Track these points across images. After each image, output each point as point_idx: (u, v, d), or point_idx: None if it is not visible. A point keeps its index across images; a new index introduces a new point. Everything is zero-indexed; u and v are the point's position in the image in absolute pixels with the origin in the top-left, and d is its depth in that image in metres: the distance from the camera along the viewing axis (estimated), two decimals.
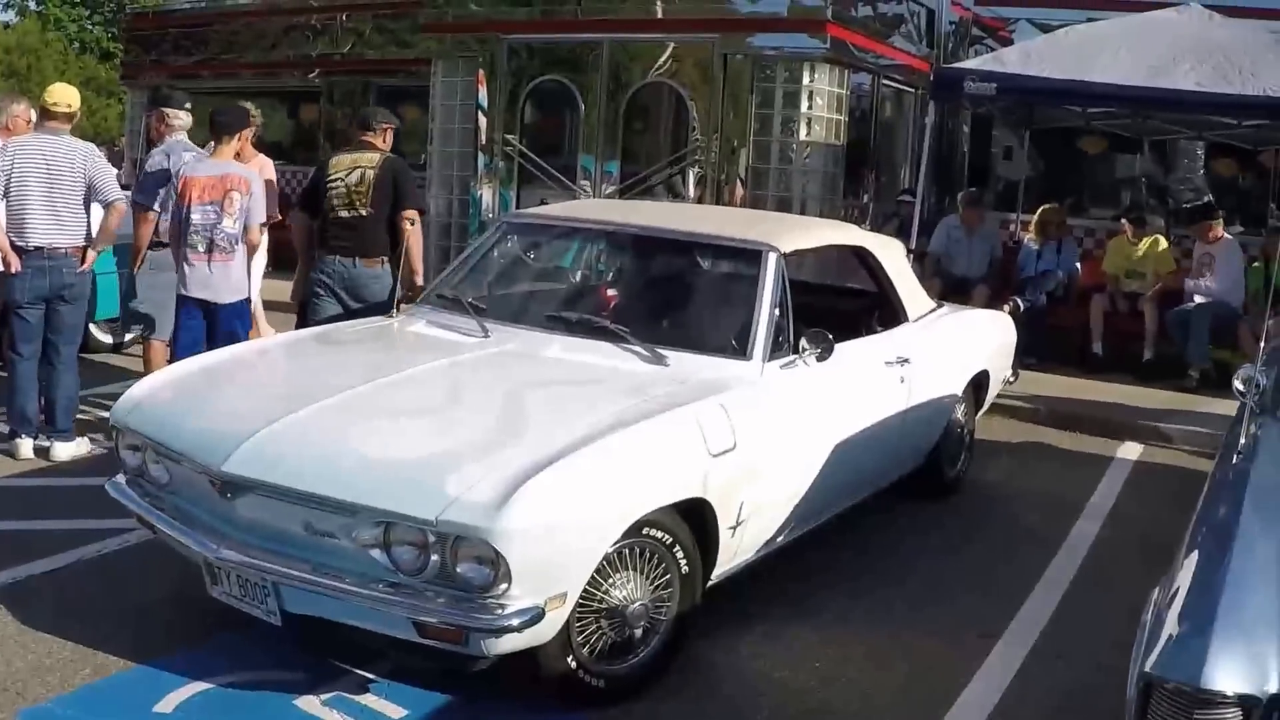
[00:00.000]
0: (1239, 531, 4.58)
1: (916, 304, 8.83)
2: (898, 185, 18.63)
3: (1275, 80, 13.19)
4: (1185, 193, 20.16)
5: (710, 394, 6.20)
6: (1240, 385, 6.06)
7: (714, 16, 16.20)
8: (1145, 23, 14.90)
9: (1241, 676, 3.72)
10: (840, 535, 7.93)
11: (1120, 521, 9.22)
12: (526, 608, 4.99)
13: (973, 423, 9.78)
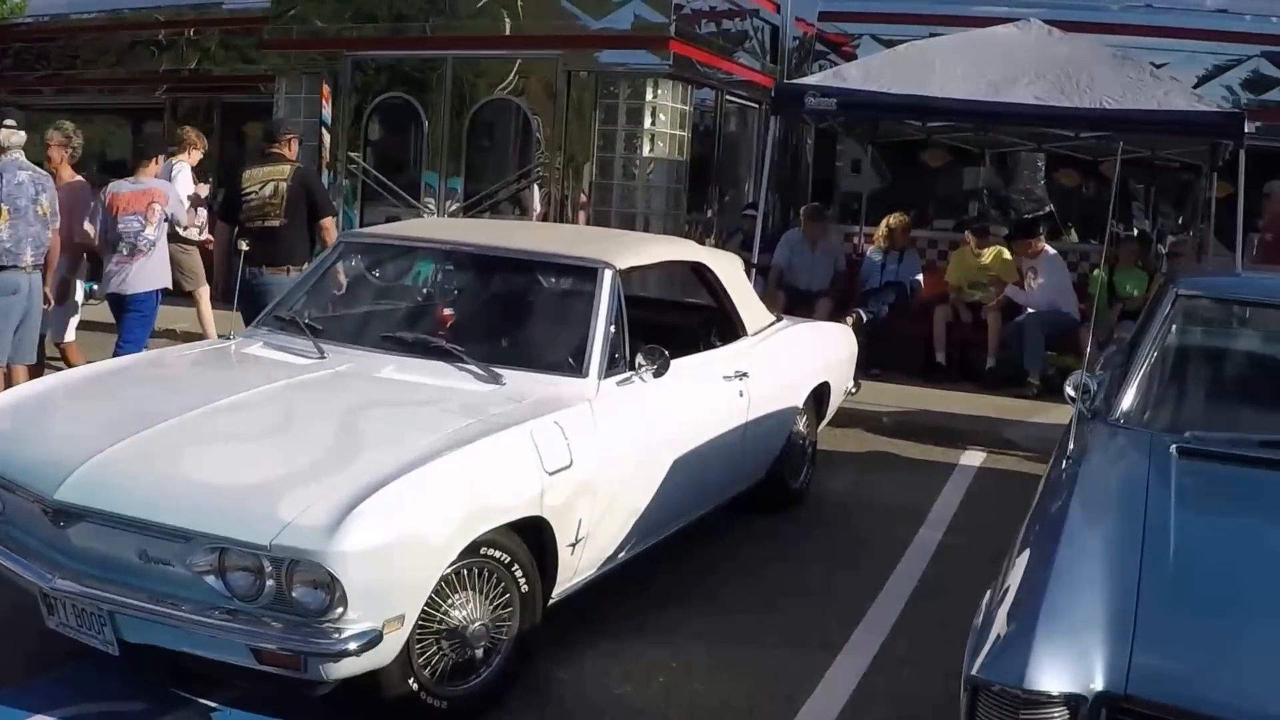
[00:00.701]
0: (1065, 533, 4.64)
1: (755, 318, 8.85)
2: (743, 200, 18.79)
3: (1112, 93, 13.43)
4: (1027, 203, 20.55)
5: (546, 412, 6.17)
6: (1071, 391, 6.14)
7: (558, 33, 16.29)
8: (986, 38, 15.10)
9: (1066, 676, 3.75)
10: (682, 550, 7.93)
11: (962, 528, 9.31)
12: (364, 631, 4.94)
13: (815, 434, 9.82)
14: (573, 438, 6.11)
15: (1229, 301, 7.54)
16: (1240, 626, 4.03)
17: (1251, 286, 7.84)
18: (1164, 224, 21.64)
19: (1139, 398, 6.20)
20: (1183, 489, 5.14)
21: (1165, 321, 6.59)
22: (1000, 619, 4.07)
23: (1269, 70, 19.30)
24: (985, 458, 11.70)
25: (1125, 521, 4.69)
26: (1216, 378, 7.04)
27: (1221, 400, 6.77)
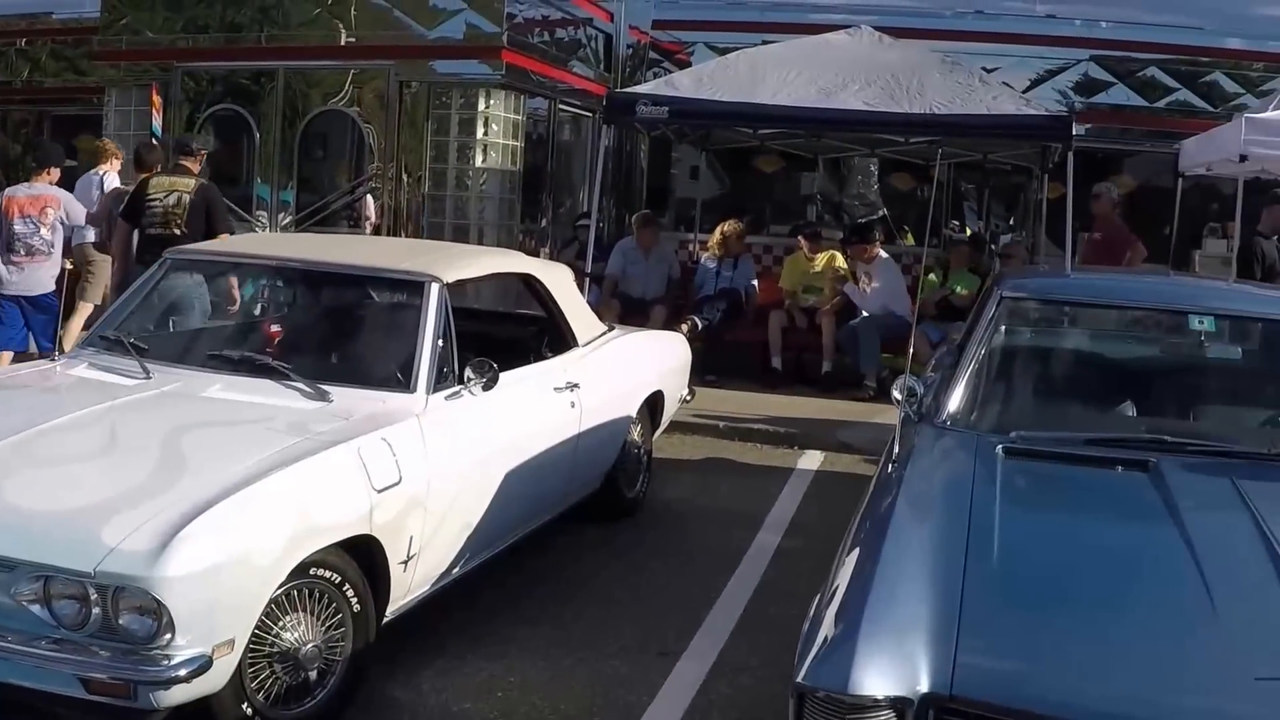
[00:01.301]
0: (890, 535, 4.67)
1: (586, 328, 8.83)
2: (577, 209, 18.78)
3: (941, 98, 13.60)
4: (861, 208, 20.77)
5: (373, 428, 6.10)
6: (898, 395, 6.20)
7: (391, 43, 16.22)
8: (817, 45, 15.25)
9: (891, 678, 3.76)
10: (519, 562, 7.90)
11: (800, 531, 9.36)
12: (193, 657, 4.85)
13: (650, 443, 9.81)
14: (401, 454, 6.06)
15: (1052, 302, 7.69)
16: (1064, 623, 4.09)
17: (1074, 287, 8.06)
18: (997, 225, 22.01)
19: (965, 400, 6.30)
20: (1008, 488, 5.24)
21: (990, 323, 6.70)
22: (827, 622, 4.07)
23: (1098, 74, 19.72)
24: (822, 460, 11.79)
25: (950, 522, 4.74)
26: (1042, 378, 7.15)
27: (1047, 400, 6.91)
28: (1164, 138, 18.41)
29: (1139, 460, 5.56)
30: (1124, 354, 7.90)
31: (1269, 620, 4.09)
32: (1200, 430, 6.57)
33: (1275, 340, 7.84)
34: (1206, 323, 7.04)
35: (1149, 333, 8.09)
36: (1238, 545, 4.68)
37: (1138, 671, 3.86)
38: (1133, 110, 19.93)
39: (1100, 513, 5.35)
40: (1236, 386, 7.49)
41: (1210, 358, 7.73)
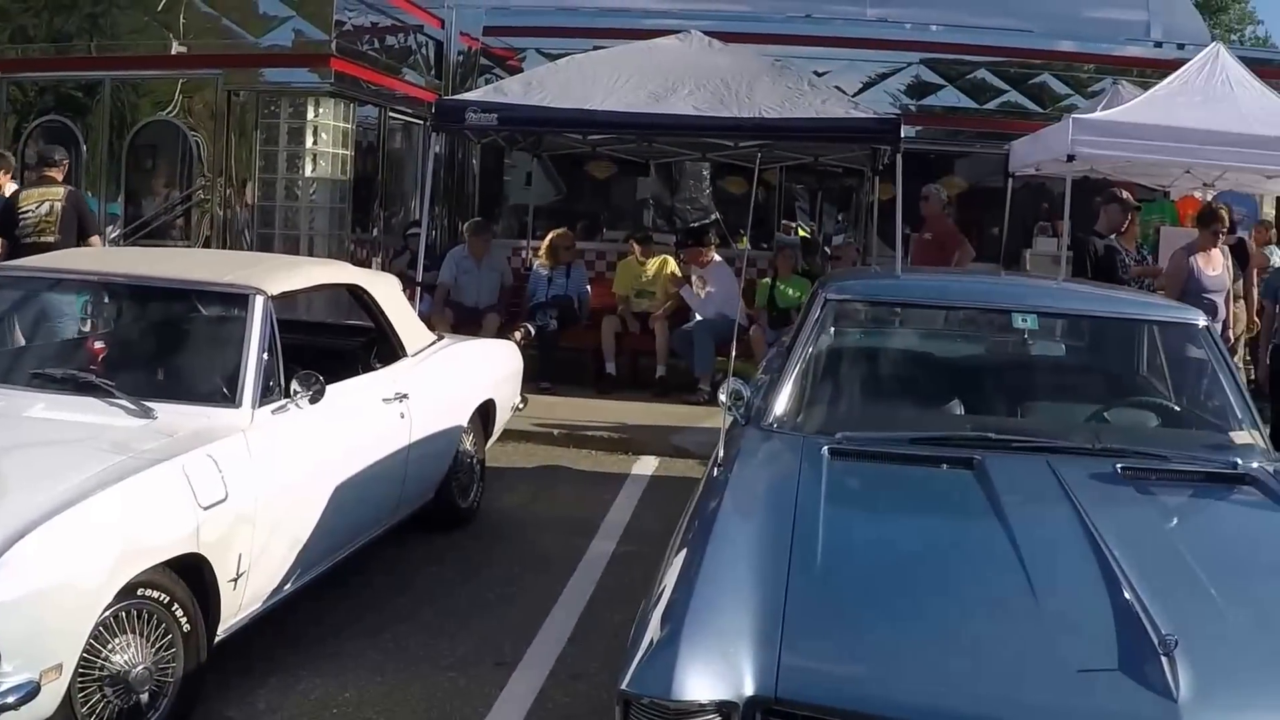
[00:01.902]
0: (715, 538, 4.69)
1: (415, 338, 8.78)
2: (409, 218, 18.67)
3: (771, 102, 13.71)
4: (694, 212, 20.84)
5: (199, 445, 6.01)
6: (725, 399, 6.24)
7: (220, 52, 15.98)
8: (647, 50, 15.27)
9: (716, 682, 3.78)
10: (352, 576, 7.85)
11: (635, 537, 9.39)
12: (21, 683, 4.76)
13: (483, 452, 9.79)
14: (227, 470, 5.99)
15: (875, 303, 7.78)
16: (888, 621, 4.15)
17: (897, 288, 8.11)
18: (829, 227, 22.22)
19: (791, 402, 6.36)
20: (833, 489, 5.28)
21: (815, 326, 6.75)
22: (651, 627, 4.08)
23: (929, 76, 19.98)
24: (657, 465, 11.85)
25: (775, 523, 4.78)
26: (868, 379, 7.24)
27: (873, 400, 6.98)
28: (994, 139, 18.64)
29: (963, 458, 5.66)
30: (950, 353, 8.00)
31: (1091, 613, 4.16)
32: (1025, 427, 6.68)
33: (1098, 336, 8.05)
34: (1029, 321, 7.15)
35: (974, 332, 8.22)
36: (1061, 540, 4.78)
37: (961, 667, 3.92)
38: (963, 112, 20.20)
39: (925, 511, 5.45)
40: (1061, 383, 7.67)
41: (1035, 355, 7.92)
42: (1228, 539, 5.51)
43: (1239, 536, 5.54)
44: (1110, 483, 5.59)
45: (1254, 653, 4.05)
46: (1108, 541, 4.63)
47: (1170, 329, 7.40)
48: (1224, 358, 6.93)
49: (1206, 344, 6.95)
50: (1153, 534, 5.08)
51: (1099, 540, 4.65)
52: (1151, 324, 7.54)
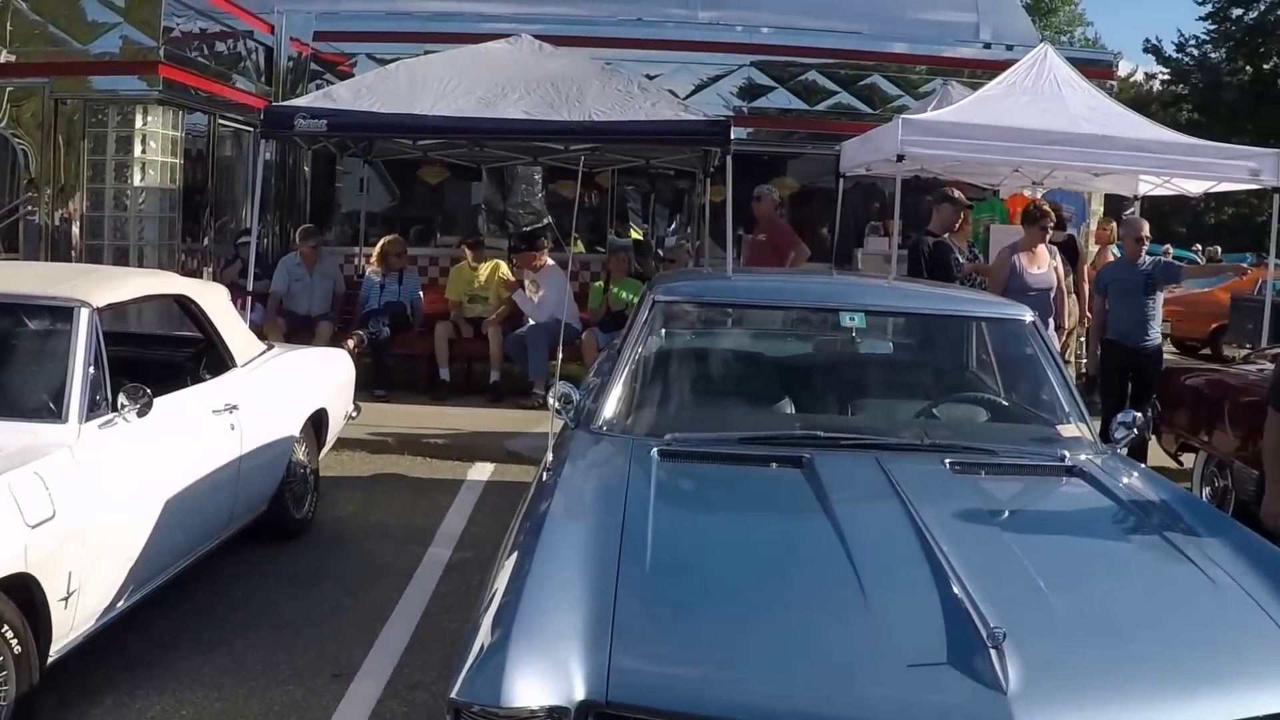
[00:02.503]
0: (544, 542, 4.66)
1: (244, 348, 8.69)
2: (241, 226, 18.46)
3: (601, 106, 13.75)
4: (526, 216, 20.82)
5: (24, 462, 5.87)
6: (555, 402, 6.24)
7: (47, 59, 15.67)
8: (477, 54, 15.26)
9: (546, 688, 3.75)
10: (188, 591, 7.75)
11: (471, 543, 9.39)
12: None
13: (317, 462, 9.72)
14: (54, 487, 5.87)
15: (703, 304, 7.83)
16: (719, 622, 4.15)
17: (724, 289, 8.15)
18: (663, 229, 22.30)
19: (621, 404, 6.38)
20: (662, 491, 5.31)
21: (644, 327, 6.77)
22: (481, 633, 4.05)
23: (760, 78, 20.04)
24: (492, 471, 11.86)
25: (604, 526, 4.77)
26: (698, 380, 7.24)
27: (703, 401, 7.00)
28: (826, 140, 18.75)
29: (793, 457, 5.71)
30: (780, 353, 8.05)
31: (920, 608, 4.20)
32: (854, 424, 6.74)
33: (927, 334, 8.17)
34: (857, 319, 7.18)
35: (804, 331, 8.30)
36: (890, 535, 4.82)
37: (791, 666, 3.92)
38: (795, 113, 20.32)
39: (754, 510, 5.47)
40: (891, 380, 7.74)
41: (864, 353, 8.00)
42: (1056, 531, 5.60)
43: (1067, 528, 5.62)
44: (939, 478, 5.69)
45: (1082, 643, 4.10)
46: (936, 537, 4.68)
47: (997, 325, 7.52)
48: (1050, 353, 7.05)
49: (1033, 339, 7.07)
50: (981, 528, 5.13)
51: (927, 536, 4.70)
52: (979, 321, 7.66)
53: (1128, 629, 4.30)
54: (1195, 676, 4.07)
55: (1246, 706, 3.97)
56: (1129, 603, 4.56)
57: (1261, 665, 4.19)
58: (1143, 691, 3.94)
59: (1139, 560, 5.13)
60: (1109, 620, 4.35)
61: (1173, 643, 4.27)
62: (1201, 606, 4.58)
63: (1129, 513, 5.55)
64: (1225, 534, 5.34)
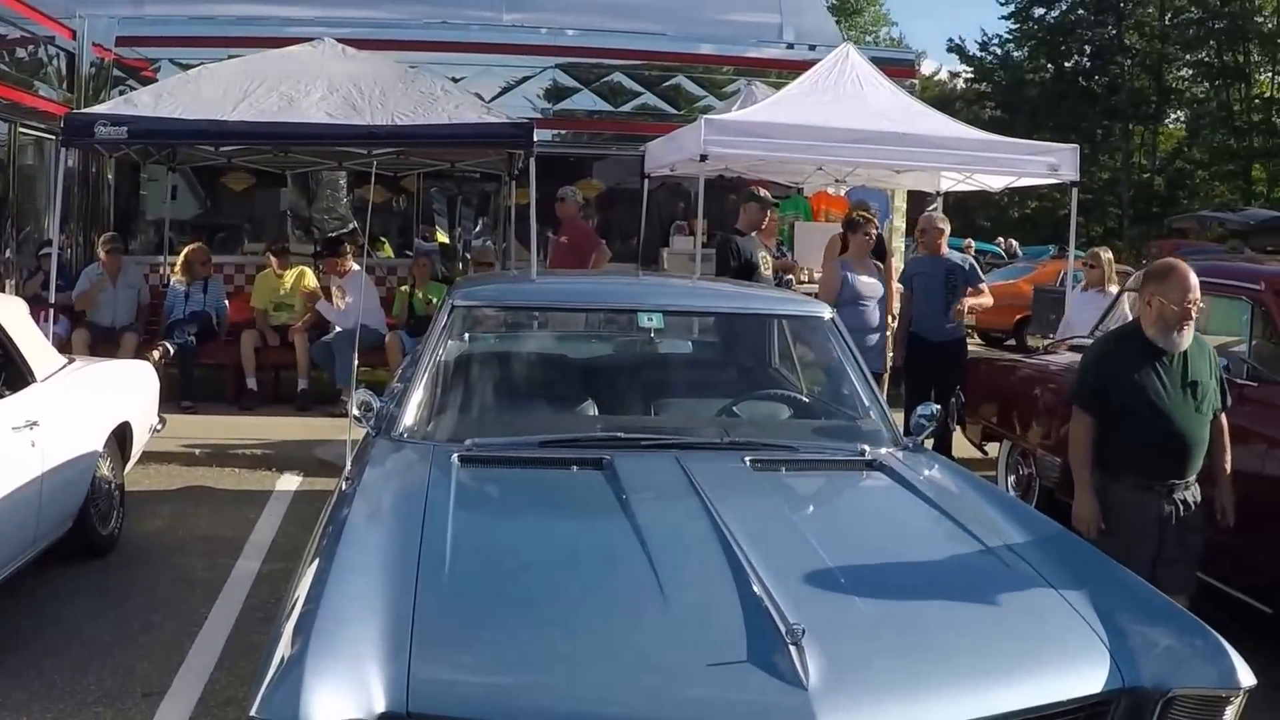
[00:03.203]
0: (341, 553, 4.63)
1: (43, 363, 8.51)
2: (43, 236, 18.14)
3: (404, 109, 13.68)
4: (331, 221, 20.73)
5: None
6: (355, 411, 6.23)
7: None
8: (281, 58, 15.07)
9: (346, 702, 3.70)
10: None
11: (281, 554, 9.31)
12: None
13: (122, 476, 9.60)
14: None
15: (502, 308, 7.90)
16: (519, 627, 4.14)
17: (523, 292, 8.14)
18: (470, 233, 22.31)
19: (421, 411, 6.38)
20: (462, 497, 5.31)
21: (443, 333, 6.77)
22: (281, 647, 3.98)
23: (565, 80, 20.12)
24: (302, 480, 11.82)
25: (403, 534, 4.76)
26: (499, 384, 7.24)
27: (505, 406, 7.02)
28: (631, 141, 18.95)
29: (593, 459, 5.74)
30: (581, 355, 8.09)
31: (720, 607, 4.24)
32: (654, 424, 6.79)
33: (728, 332, 8.27)
34: (655, 319, 7.22)
35: (605, 333, 8.35)
36: (689, 535, 4.86)
37: (593, 669, 3.94)
38: (600, 115, 20.45)
39: (555, 514, 5.50)
40: (692, 379, 7.83)
41: (666, 353, 8.07)
42: (856, 525, 5.69)
43: (867, 522, 5.74)
44: (739, 476, 5.75)
45: (882, 638, 4.18)
46: (736, 535, 4.73)
47: (797, 322, 7.66)
48: (849, 348, 7.14)
49: (833, 336, 7.17)
50: (781, 525, 5.18)
51: (727, 534, 4.75)
52: (779, 318, 7.79)
53: (928, 620, 4.38)
54: (995, 665, 4.18)
55: (1046, 693, 4.09)
56: (929, 594, 4.63)
57: (1061, 652, 4.32)
58: (942, 682, 4.01)
59: (939, 552, 5.21)
60: (909, 613, 4.43)
61: (973, 633, 4.36)
62: (1001, 596, 4.68)
63: (929, 505, 5.63)
64: (1025, 523, 5.49)
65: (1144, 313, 6.79)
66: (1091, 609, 4.54)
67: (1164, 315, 6.60)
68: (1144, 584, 5.03)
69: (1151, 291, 6.66)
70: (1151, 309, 6.67)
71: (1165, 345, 6.66)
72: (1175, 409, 6.66)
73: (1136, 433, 6.69)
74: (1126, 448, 6.74)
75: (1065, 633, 4.42)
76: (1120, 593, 4.81)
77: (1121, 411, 6.71)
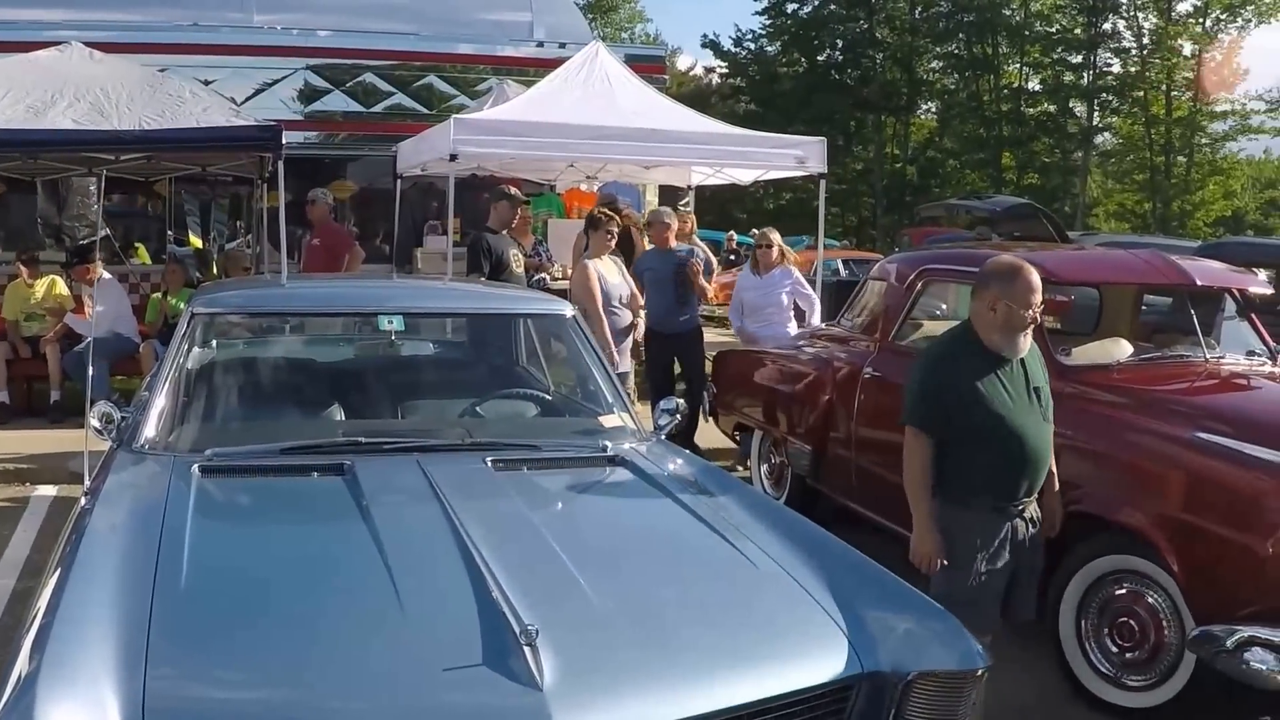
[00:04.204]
0: (77, 568, 4.56)
1: None
2: None
3: (151, 113, 13.47)
4: (82, 228, 20.37)
5: None
6: (96, 423, 6.14)
7: None
8: (26, 63, 14.73)
9: (81, 718, 3.59)
10: None
11: (36, 570, 8.95)
12: None
13: None
14: None
15: (242, 314, 7.77)
16: (255, 640, 4.11)
17: (264, 298, 8.00)
18: (224, 237, 22.09)
19: (163, 421, 6.27)
20: (201, 507, 5.24)
21: (184, 341, 6.67)
22: (19, 665, 3.88)
23: (316, 81, 20.05)
24: (57, 493, 11.56)
25: (140, 547, 4.68)
26: (242, 392, 7.14)
27: (248, 414, 6.93)
28: (384, 141, 18.85)
29: (335, 465, 5.73)
30: (326, 360, 8.05)
31: (456, 611, 4.25)
32: (398, 428, 6.77)
33: (472, 333, 8.33)
34: (396, 322, 7.23)
35: (349, 337, 8.31)
36: (427, 539, 4.87)
37: (331, 679, 3.91)
38: (353, 116, 20.39)
39: (294, 522, 5.47)
40: (437, 381, 7.87)
41: (411, 356, 8.11)
42: (596, 522, 5.78)
43: (608, 519, 5.83)
44: (480, 478, 5.79)
45: (619, 634, 4.23)
46: (474, 537, 4.75)
47: (539, 321, 7.77)
48: (592, 346, 7.26)
49: (574, 334, 7.28)
50: (520, 525, 5.19)
51: (465, 537, 4.76)
52: (520, 317, 7.89)
53: (666, 615, 4.45)
54: (733, 658, 4.25)
55: (785, 683, 4.19)
56: (668, 589, 4.71)
57: (799, 641, 4.44)
58: (679, 676, 4.08)
59: (679, 545, 5.29)
60: (647, 608, 4.49)
61: (711, 626, 4.43)
62: (740, 588, 4.80)
63: (670, 499, 5.70)
64: (765, 515, 5.63)
65: (984, 318, 6.08)
66: (830, 597, 4.65)
67: (1011, 320, 6.00)
68: (882, 570, 5.14)
69: (997, 295, 5.99)
70: (996, 314, 6.01)
71: (1009, 352, 6.07)
72: (1025, 420, 6.07)
73: (986, 450, 6.05)
74: (976, 468, 6.06)
75: (804, 622, 4.52)
76: (858, 580, 4.94)
77: (969, 429, 6.03)
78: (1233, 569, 5.45)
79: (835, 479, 9.97)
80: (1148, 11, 57.61)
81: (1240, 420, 5.90)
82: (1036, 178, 60.04)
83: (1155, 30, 57.16)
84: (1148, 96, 58.02)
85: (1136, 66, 58.13)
